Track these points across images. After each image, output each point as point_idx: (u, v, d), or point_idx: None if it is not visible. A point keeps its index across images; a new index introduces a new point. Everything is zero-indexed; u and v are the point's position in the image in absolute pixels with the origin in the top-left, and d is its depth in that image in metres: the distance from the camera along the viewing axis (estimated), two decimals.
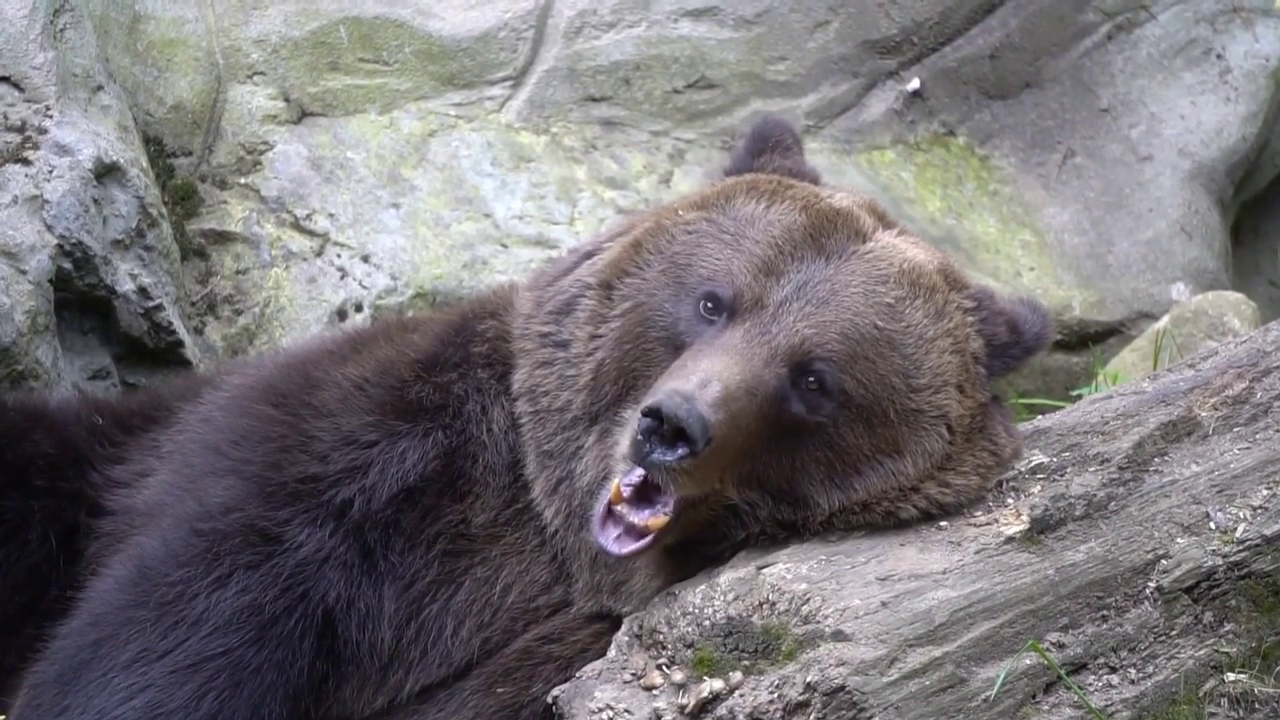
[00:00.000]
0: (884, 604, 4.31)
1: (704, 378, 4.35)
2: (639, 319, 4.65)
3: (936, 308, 4.67)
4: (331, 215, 7.37)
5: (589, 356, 4.68)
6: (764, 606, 4.35)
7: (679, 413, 4.26)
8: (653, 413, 4.29)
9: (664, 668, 4.43)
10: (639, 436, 4.32)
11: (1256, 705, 4.52)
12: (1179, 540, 4.57)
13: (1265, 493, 4.64)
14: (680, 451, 4.29)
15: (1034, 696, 4.38)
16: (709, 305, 4.56)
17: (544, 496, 4.73)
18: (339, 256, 7.30)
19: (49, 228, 6.22)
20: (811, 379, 4.49)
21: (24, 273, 6.13)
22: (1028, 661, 4.36)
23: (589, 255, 4.89)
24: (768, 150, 5.04)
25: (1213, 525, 4.60)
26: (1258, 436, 4.77)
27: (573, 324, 4.75)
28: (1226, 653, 4.54)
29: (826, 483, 4.54)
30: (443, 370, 4.89)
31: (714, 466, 4.39)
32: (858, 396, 4.52)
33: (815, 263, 4.63)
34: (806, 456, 4.53)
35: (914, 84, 8.58)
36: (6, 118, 6.37)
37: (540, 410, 4.75)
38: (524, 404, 4.79)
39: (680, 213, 4.80)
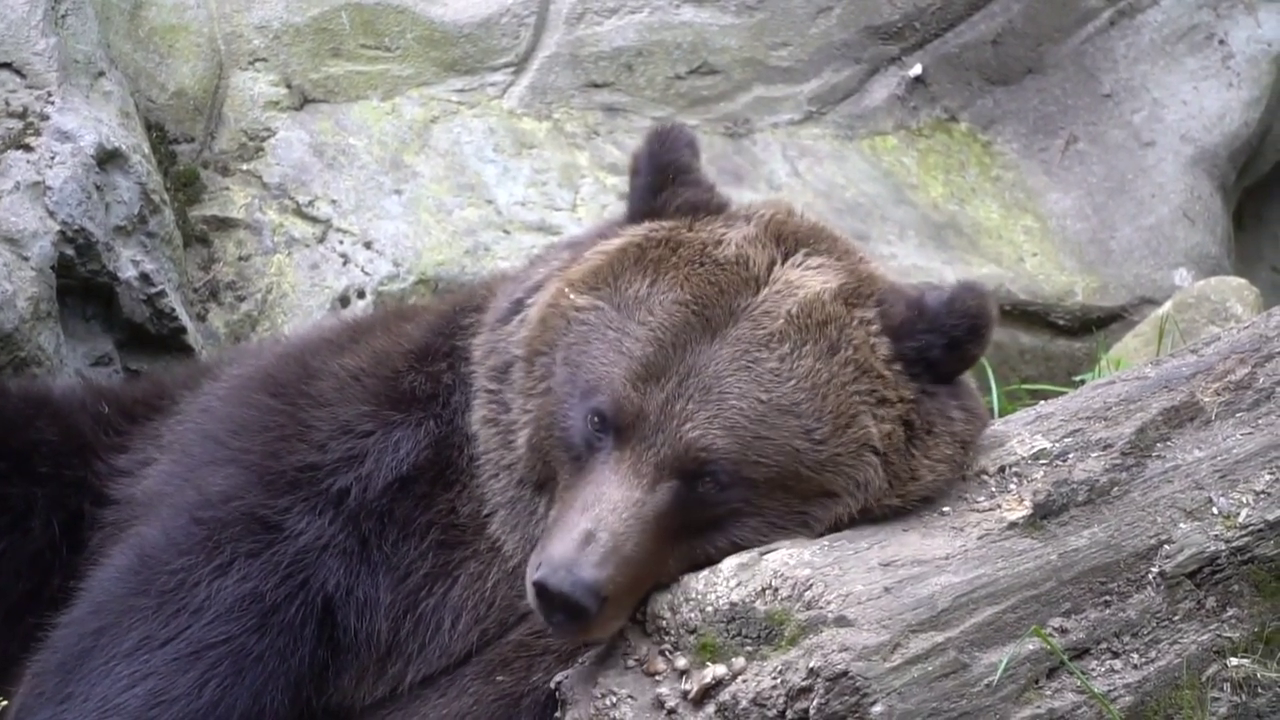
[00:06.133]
0: (887, 589, 4.31)
1: (587, 530, 4.33)
2: (547, 411, 4.62)
3: (830, 343, 4.52)
4: (334, 202, 7.37)
5: (523, 429, 4.68)
6: (767, 592, 4.34)
7: (563, 589, 4.27)
8: (540, 590, 4.31)
9: (667, 654, 4.43)
10: (534, 606, 4.37)
11: (1259, 690, 4.52)
12: (1182, 525, 4.57)
13: (1268, 478, 4.63)
14: (580, 619, 4.32)
15: (1037, 681, 4.38)
16: (596, 421, 4.49)
17: (505, 533, 4.75)
18: (341, 243, 7.30)
19: (51, 214, 6.22)
20: (707, 479, 4.43)
21: (26, 259, 6.13)
22: (1030, 647, 4.36)
23: (520, 303, 4.83)
24: (669, 183, 4.83)
25: (1215, 510, 4.60)
26: (1260, 422, 4.76)
27: (510, 390, 4.74)
28: (1229, 638, 4.54)
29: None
30: (434, 360, 4.92)
31: (626, 601, 4.41)
32: (761, 476, 4.44)
33: (699, 345, 4.51)
34: (736, 533, 4.48)
35: (916, 70, 8.56)
36: (8, 104, 6.38)
37: (491, 462, 4.76)
38: (479, 443, 4.79)
39: (573, 296, 4.68)
